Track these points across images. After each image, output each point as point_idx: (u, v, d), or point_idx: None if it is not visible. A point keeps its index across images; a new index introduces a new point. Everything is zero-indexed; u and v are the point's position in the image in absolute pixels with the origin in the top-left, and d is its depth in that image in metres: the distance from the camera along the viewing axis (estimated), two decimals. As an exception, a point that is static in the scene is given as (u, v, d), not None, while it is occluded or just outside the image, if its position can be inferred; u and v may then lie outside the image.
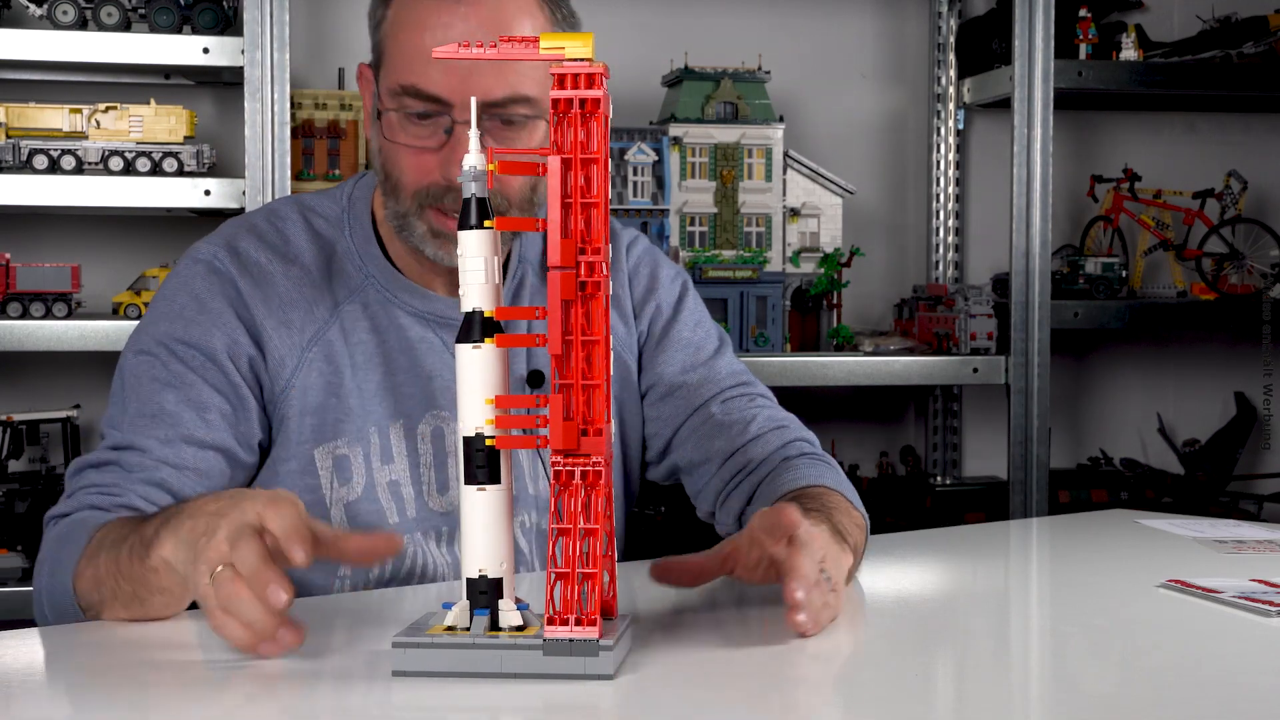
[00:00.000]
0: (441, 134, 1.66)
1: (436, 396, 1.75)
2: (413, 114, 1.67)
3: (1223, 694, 1.24)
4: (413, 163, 1.68)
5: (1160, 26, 3.65)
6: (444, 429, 1.74)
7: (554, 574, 1.20)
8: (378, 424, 1.73)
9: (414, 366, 1.75)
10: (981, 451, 3.68)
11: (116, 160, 2.93)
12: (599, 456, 1.20)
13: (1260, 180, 3.71)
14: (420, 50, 1.65)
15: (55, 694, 1.28)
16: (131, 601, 1.42)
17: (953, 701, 1.25)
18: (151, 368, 1.68)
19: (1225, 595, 1.51)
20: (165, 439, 1.64)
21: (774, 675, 1.29)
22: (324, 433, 1.71)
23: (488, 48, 1.23)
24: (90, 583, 1.46)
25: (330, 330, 1.73)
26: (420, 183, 1.68)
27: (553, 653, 1.21)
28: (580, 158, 1.20)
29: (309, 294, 1.73)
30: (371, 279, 1.76)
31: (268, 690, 1.21)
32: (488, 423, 1.22)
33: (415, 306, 1.76)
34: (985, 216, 3.66)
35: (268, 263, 1.73)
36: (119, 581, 1.42)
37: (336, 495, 1.71)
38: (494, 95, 1.65)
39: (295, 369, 1.71)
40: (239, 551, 1.25)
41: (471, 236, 1.24)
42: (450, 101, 1.65)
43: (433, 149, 1.67)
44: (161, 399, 1.66)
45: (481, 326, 1.23)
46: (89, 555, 1.48)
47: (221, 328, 1.69)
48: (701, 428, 1.83)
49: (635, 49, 3.36)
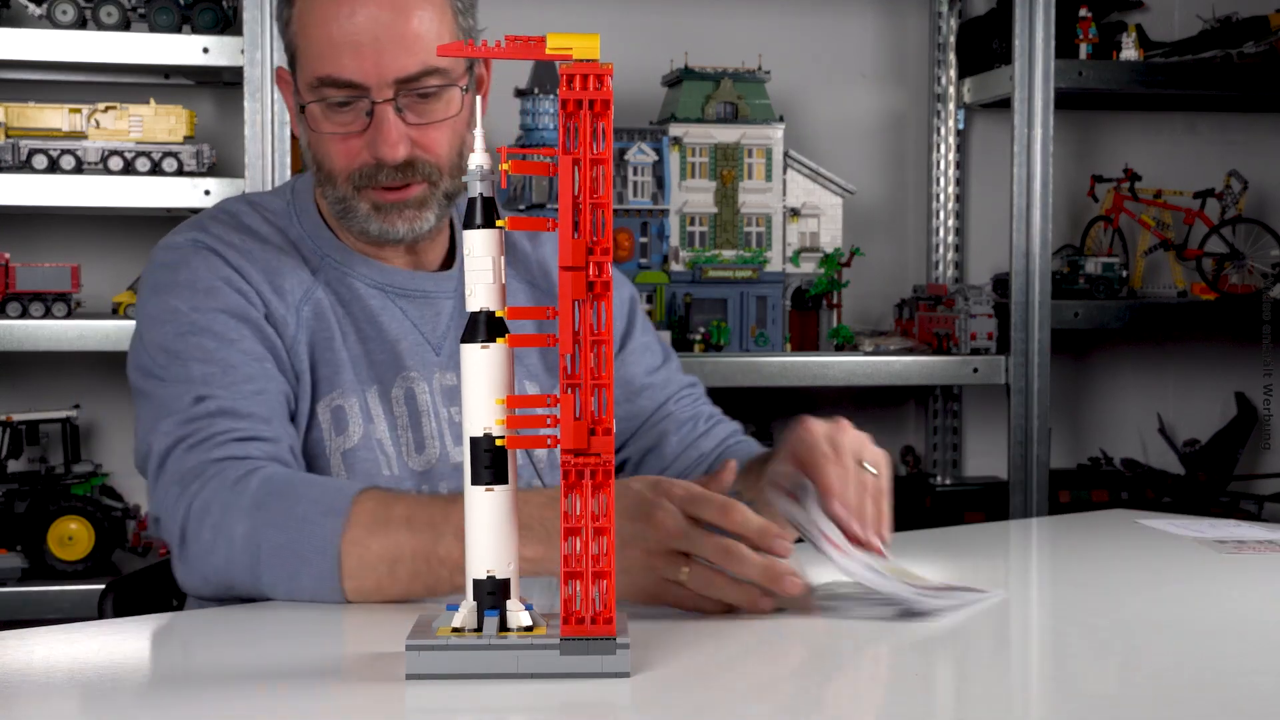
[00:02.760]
0: (363, 117, 1.73)
1: (403, 358, 1.80)
2: (333, 103, 1.73)
3: (1223, 694, 1.24)
4: (340, 149, 1.75)
5: (1160, 26, 3.65)
6: (414, 389, 1.80)
7: (567, 573, 1.20)
8: (356, 388, 1.77)
9: (380, 335, 1.80)
10: (981, 451, 3.68)
11: (116, 160, 2.93)
12: (608, 455, 1.20)
13: (1260, 180, 3.71)
14: (329, 42, 1.71)
15: (63, 694, 1.27)
16: (437, 584, 1.47)
17: (953, 701, 1.25)
18: (195, 331, 1.68)
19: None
20: (255, 389, 1.66)
21: (782, 672, 1.29)
22: (322, 387, 1.76)
23: (493, 47, 1.23)
24: (379, 553, 1.47)
25: (317, 290, 1.79)
26: (350, 166, 1.75)
27: (569, 652, 1.21)
28: (589, 158, 1.20)
29: (288, 262, 1.78)
30: (328, 258, 1.81)
31: (278, 694, 1.21)
32: (497, 423, 1.22)
33: (373, 278, 1.82)
34: (985, 216, 3.66)
35: (241, 242, 1.78)
36: (435, 566, 1.46)
37: (335, 444, 1.75)
38: (408, 71, 1.71)
39: (296, 329, 1.75)
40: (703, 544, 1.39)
41: (478, 236, 1.24)
42: (365, 84, 1.71)
43: (357, 133, 1.74)
44: (227, 355, 1.67)
45: (487, 326, 1.23)
46: (367, 521, 1.48)
47: (233, 289, 1.73)
48: (660, 423, 1.98)
49: (635, 49, 3.36)
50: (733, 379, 3.14)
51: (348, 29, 1.70)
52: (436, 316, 1.84)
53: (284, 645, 1.35)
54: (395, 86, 1.71)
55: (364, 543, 1.47)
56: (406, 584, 1.47)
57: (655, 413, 1.99)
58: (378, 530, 1.47)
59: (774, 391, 3.36)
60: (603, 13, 3.43)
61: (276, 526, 1.50)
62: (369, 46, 1.70)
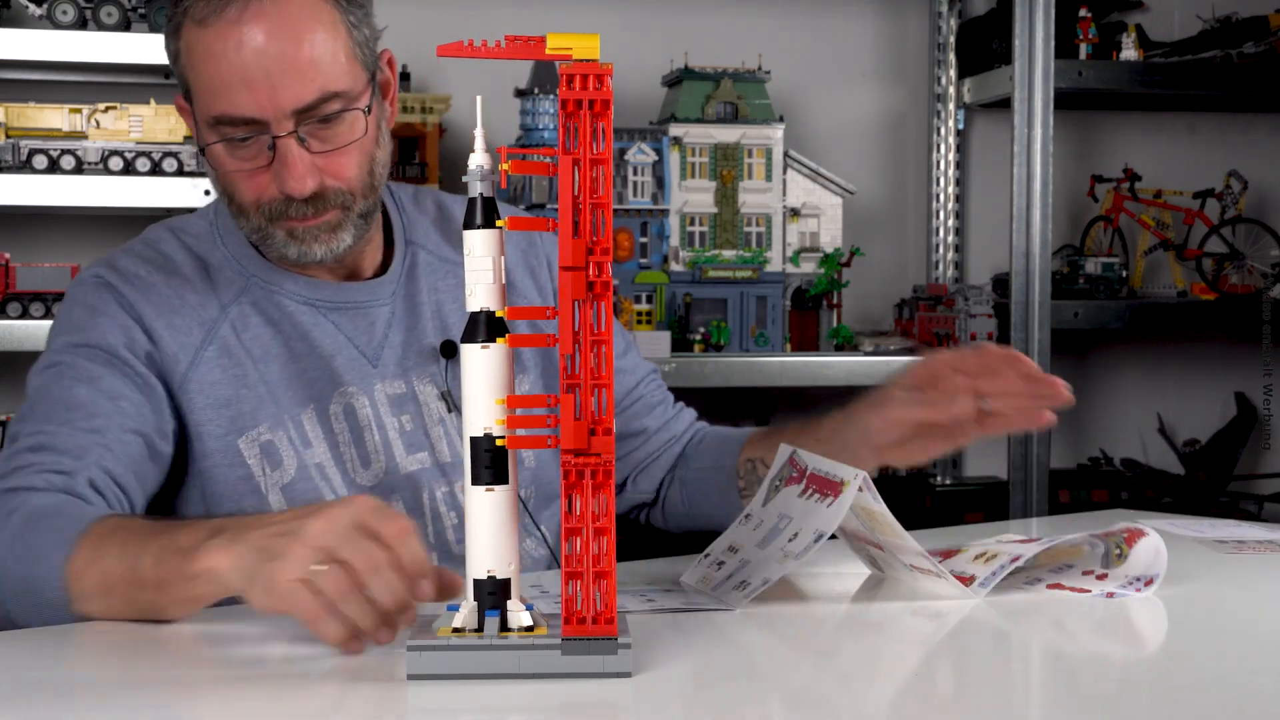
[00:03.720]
0: (266, 152, 1.67)
1: (340, 374, 1.76)
2: (234, 139, 1.67)
3: (1223, 694, 1.24)
4: (248, 184, 1.70)
5: (1160, 26, 3.65)
6: (353, 404, 1.76)
7: (568, 573, 1.20)
8: (289, 413, 1.74)
9: (313, 351, 1.76)
10: (981, 451, 3.68)
11: (116, 160, 2.93)
12: (609, 455, 1.20)
13: (1260, 180, 3.71)
14: (219, 79, 1.65)
15: (56, 696, 1.27)
16: (148, 608, 1.42)
17: (954, 701, 1.25)
18: (58, 372, 1.69)
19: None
20: (90, 427, 1.64)
21: (784, 670, 1.29)
22: (242, 422, 1.72)
23: (490, 47, 1.23)
24: (95, 582, 1.44)
25: (222, 328, 1.75)
26: (260, 200, 1.70)
27: (571, 652, 1.21)
28: (589, 158, 1.20)
29: (192, 299, 1.75)
30: (254, 277, 1.78)
31: (278, 696, 1.21)
32: (498, 423, 1.22)
33: (302, 294, 1.78)
34: (985, 216, 3.66)
35: (147, 274, 1.75)
36: (136, 589, 1.41)
37: (271, 481, 1.72)
38: (305, 100, 1.65)
39: (191, 364, 1.72)
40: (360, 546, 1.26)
41: (478, 236, 1.24)
42: (263, 119, 1.65)
43: (262, 167, 1.68)
44: (74, 394, 1.66)
45: (487, 326, 1.23)
46: (88, 552, 1.45)
47: (116, 327, 1.71)
48: (634, 406, 1.96)
49: (635, 49, 3.36)
50: (733, 379, 3.14)
51: (236, 64, 1.63)
52: (371, 327, 1.79)
53: (285, 646, 1.35)
54: (294, 118, 1.65)
55: (83, 573, 1.45)
56: (123, 609, 1.43)
57: (627, 396, 1.96)
58: (95, 559, 1.44)
59: (774, 391, 3.36)
60: (602, 13, 3.43)
61: (18, 557, 1.49)
62: (261, 80, 1.63)
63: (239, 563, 1.31)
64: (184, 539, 1.38)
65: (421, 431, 1.79)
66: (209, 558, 1.34)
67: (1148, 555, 1.54)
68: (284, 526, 1.30)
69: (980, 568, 1.53)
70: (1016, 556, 1.52)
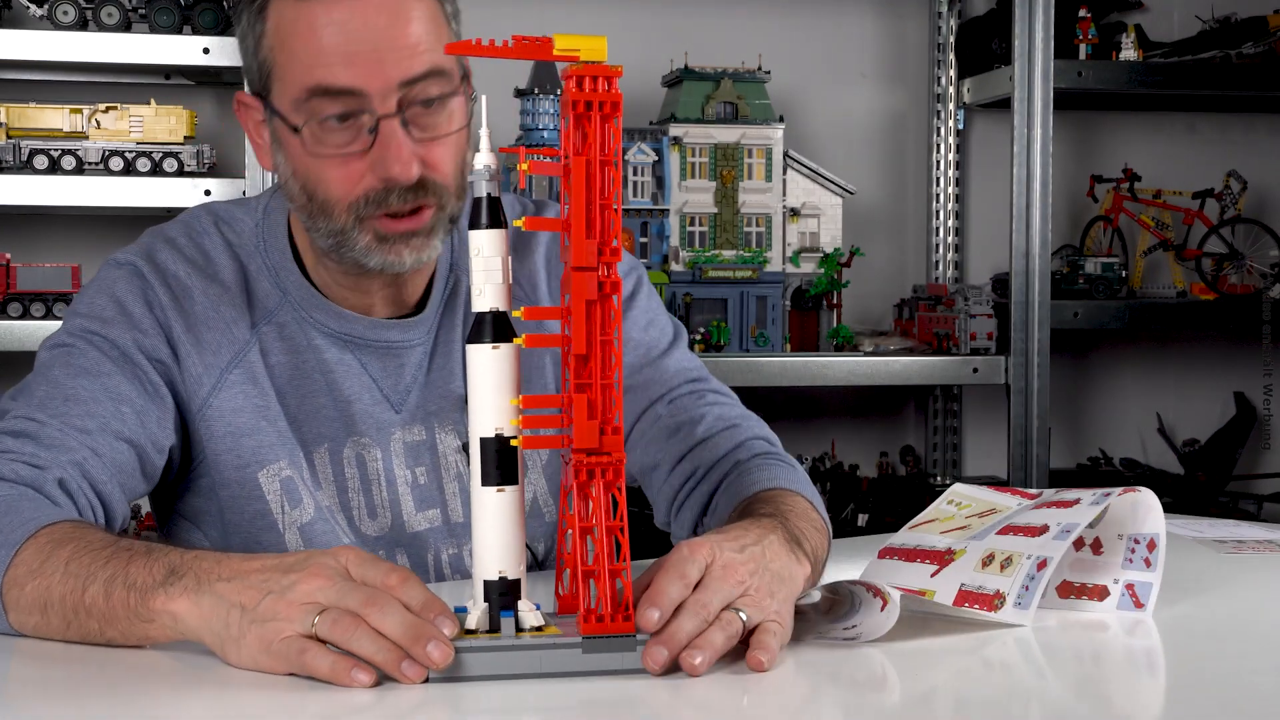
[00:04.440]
0: (365, 135, 1.55)
1: (356, 422, 1.67)
2: (329, 119, 1.55)
3: (1223, 694, 1.24)
4: (339, 174, 1.56)
5: (1160, 26, 3.65)
6: (364, 455, 1.68)
7: (583, 572, 1.21)
8: (304, 449, 1.66)
9: (333, 390, 1.67)
10: (981, 451, 3.68)
11: (117, 160, 2.94)
12: (619, 454, 1.21)
13: (1260, 180, 3.71)
14: (321, 50, 1.54)
15: (58, 697, 1.27)
16: (88, 635, 1.33)
17: (956, 700, 1.25)
18: (67, 355, 1.60)
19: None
20: (82, 426, 1.54)
21: (803, 666, 1.28)
22: (263, 455, 1.64)
23: (500, 44, 1.23)
24: (33, 597, 1.34)
25: (250, 352, 1.65)
26: (353, 194, 1.57)
27: (592, 650, 1.21)
28: (599, 159, 1.20)
29: (227, 314, 1.65)
30: (287, 298, 1.67)
31: (297, 698, 1.20)
32: (512, 423, 1.23)
33: (331, 327, 1.67)
34: (985, 216, 3.66)
35: (186, 276, 1.65)
36: (78, 614, 1.32)
37: (289, 519, 1.64)
38: (414, 71, 1.54)
39: (214, 388, 1.63)
40: (357, 591, 1.20)
41: (485, 236, 1.24)
42: (366, 91, 1.53)
43: (358, 154, 1.56)
44: (76, 384, 1.58)
45: (494, 327, 1.23)
46: (30, 561, 1.36)
47: (140, 329, 1.62)
48: (650, 430, 1.73)
49: (635, 49, 3.36)
50: (732, 379, 3.12)
51: (341, 35, 1.52)
52: (400, 369, 1.68)
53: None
54: (399, 93, 1.53)
55: (22, 583, 1.35)
56: (61, 630, 1.34)
57: (641, 419, 1.74)
58: (37, 570, 1.35)
59: (774, 391, 3.36)
60: (603, 13, 3.43)
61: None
62: (368, 52, 1.53)
63: (206, 617, 1.25)
64: (137, 572, 1.30)
65: (436, 486, 1.70)
66: (170, 601, 1.27)
67: (1141, 510, 1.47)
68: (266, 583, 1.23)
69: (1000, 579, 1.43)
70: (1043, 561, 1.41)
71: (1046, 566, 1.40)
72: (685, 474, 1.69)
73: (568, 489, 1.23)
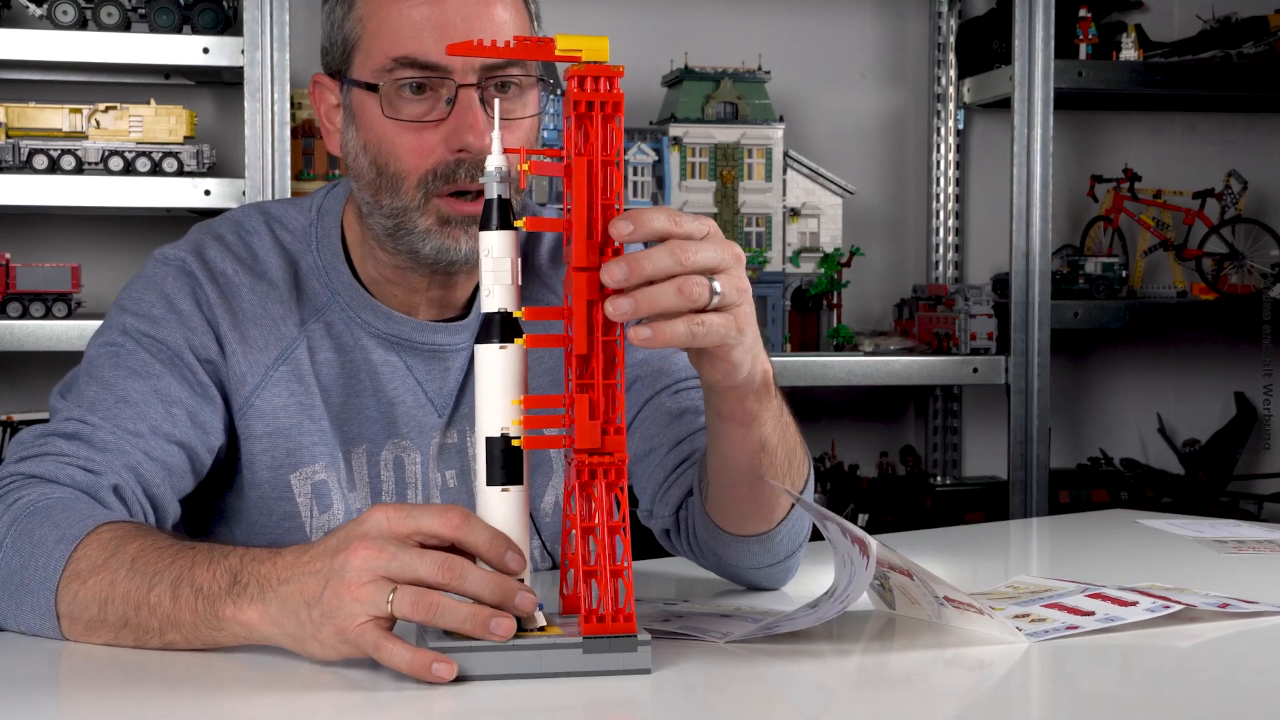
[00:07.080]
0: (442, 106, 1.58)
1: (398, 424, 1.68)
2: (407, 86, 1.58)
3: (1223, 694, 1.24)
4: (413, 143, 1.59)
5: (1160, 26, 3.65)
6: (403, 459, 1.68)
7: (585, 572, 1.21)
8: (342, 449, 1.67)
9: (377, 390, 1.67)
10: (981, 451, 3.68)
11: (116, 160, 2.94)
12: (621, 454, 1.21)
13: (1260, 180, 3.71)
14: (411, 21, 1.58)
15: (65, 696, 1.27)
16: (146, 633, 1.32)
17: (954, 701, 1.25)
18: (117, 356, 1.61)
19: None
20: (134, 429, 1.55)
21: (806, 667, 1.29)
22: (298, 456, 1.64)
23: (500, 45, 1.24)
24: (94, 591, 1.34)
25: (298, 349, 1.65)
26: (424, 165, 1.58)
27: (593, 650, 1.21)
28: (600, 159, 1.21)
29: (275, 311, 1.65)
30: (337, 297, 1.68)
31: (295, 698, 1.20)
32: (514, 423, 1.23)
33: (378, 328, 1.68)
34: (985, 216, 3.66)
35: (234, 274, 1.65)
36: (141, 613, 1.31)
37: (318, 523, 1.64)
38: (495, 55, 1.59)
39: (258, 386, 1.63)
40: (415, 557, 1.20)
41: (495, 237, 1.24)
42: (450, 67, 1.57)
43: (434, 123, 1.58)
44: (127, 386, 1.58)
45: (501, 327, 1.24)
46: (95, 555, 1.35)
47: (189, 327, 1.62)
48: (651, 416, 1.72)
49: (635, 49, 3.36)
50: (733, 379, 3.14)
51: (431, 11, 1.57)
52: (445, 373, 1.69)
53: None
54: (480, 73, 1.57)
55: (83, 577, 1.34)
56: (116, 629, 1.33)
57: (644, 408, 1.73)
58: (101, 566, 1.34)
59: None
60: (603, 12, 3.43)
61: (14, 548, 1.39)
62: (457, 26, 1.56)
63: (279, 622, 1.25)
64: (202, 576, 1.29)
65: (466, 491, 1.69)
66: (239, 611, 1.26)
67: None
68: (317, 574, 1.22)
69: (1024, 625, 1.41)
70: (1073, 626, 1.40)
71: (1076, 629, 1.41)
72: (682, 455, 1.69)
73: (570, 489, 1.24)
